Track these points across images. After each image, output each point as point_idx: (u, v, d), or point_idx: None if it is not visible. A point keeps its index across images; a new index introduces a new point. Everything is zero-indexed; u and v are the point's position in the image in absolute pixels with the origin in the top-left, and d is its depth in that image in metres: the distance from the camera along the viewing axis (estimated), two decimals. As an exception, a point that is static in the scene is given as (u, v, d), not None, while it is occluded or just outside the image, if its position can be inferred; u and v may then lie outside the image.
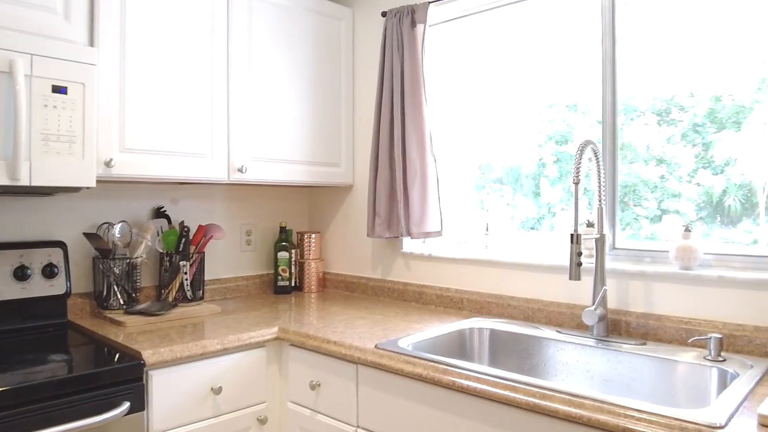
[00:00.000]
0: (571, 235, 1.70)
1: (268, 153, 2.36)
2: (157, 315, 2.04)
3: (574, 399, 1.30)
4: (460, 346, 2.00)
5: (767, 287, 1.64)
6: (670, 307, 1.81)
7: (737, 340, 1.67)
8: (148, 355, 1.65)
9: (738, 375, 1.46)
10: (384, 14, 2.52)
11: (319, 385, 1.87)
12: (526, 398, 1.36)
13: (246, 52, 2.27)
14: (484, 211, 2.47)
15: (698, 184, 2.01)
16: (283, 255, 2.68)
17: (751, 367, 1.51)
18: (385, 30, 2.46)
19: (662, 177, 2.07)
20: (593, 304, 1.84)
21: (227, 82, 2.21)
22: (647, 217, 2.13)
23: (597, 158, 1.83)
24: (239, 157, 2.25)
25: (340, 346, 1.79)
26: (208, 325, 2.00)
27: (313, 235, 2.77)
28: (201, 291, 2.32)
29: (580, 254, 1.68)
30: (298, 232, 2.80)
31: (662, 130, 2.05)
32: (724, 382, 1.52)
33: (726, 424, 1.15)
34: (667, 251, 1.89)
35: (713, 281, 1.73)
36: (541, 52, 2.30)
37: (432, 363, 1.57)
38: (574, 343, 1.84)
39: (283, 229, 2.71)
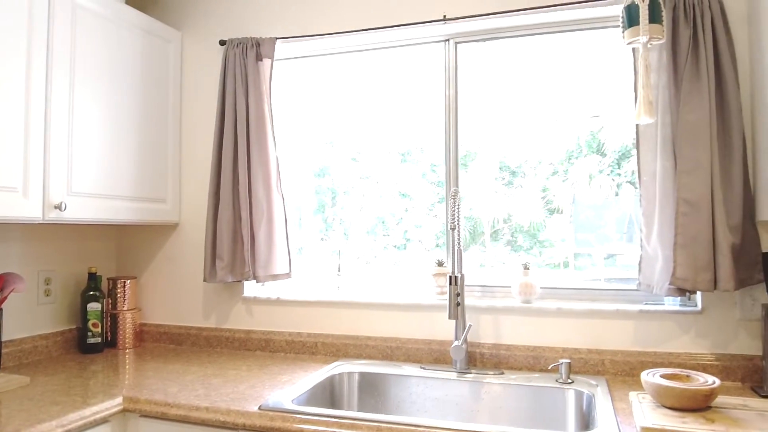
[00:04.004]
0: (450, 277, 1.80)
1: (89, 187, 1.99)
2: (-52, 399, 1.55)
3: (494, 437, 1.36)
4: (331, 393, 1.94)
5: (595, 315, 1.95)
6: (517, 337, 2.03)
7: (575, 363, 1.94)
8: (-30, 458, 1.24)
9: (593, 395, 1.70)
10: (223, 43, 2.36)
11: (186, 459, 1.62)
12: (445, 442, 1.38)
13: (68, 68, 1.90)
14: (335, 251, 2.46)
15: (436, 216, 2.34)
16: (94, 306, 2.26)
17: (596, 386, 1.78)
18: (226, 60, 2.31)
19: (407, 210, 2.35)
20: (456, 339, 1.96)
21: (45, 102, 1.82)
22: (395, 246, 2.43)
23: (456, 204, 1.98)
24: (58, 193, 1.86)
25: (215, 413, 1.58)
26: (25, 404, 1.58)
27: (128, 282, 2.40)
28: (-4, 359, 1.83)
29: (458, 295, 1.79)
30: (108, 279, 2.40)
31: (406, 167, 2.36)
32: (581, 402, 1.75)
33: (621, 441, 1.34)
34: (508, 286, 2.13)
35: (552, 312, 2.00)
36: (382, 97, 2.42)
37: (334, 419, 1.49)
38: (441, 378, 1.93)
39: (92, 276, 2.29)
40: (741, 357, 1.79)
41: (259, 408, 1.57)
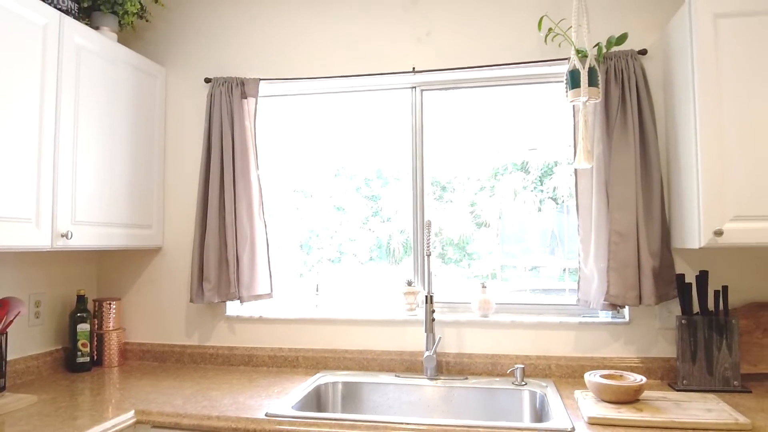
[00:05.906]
0: (426, 296, 2.09)
1: (90, 216, 2.14)
2: (-26, 417, 1.66)
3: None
4: (318, 400, 2.17)
5: (542, 327, 2.29)
6: (478, 347, 2.34)
7: (527, 368, 2.27)
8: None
9: (545, 394, 2.03)
10: (208, 80, 2.56)
11: (198, 464, 1.80)
12: (432, 437, 1.66)
13: (73, 104, 2.05)
14: (313, 273, 2.69)
15: (370, 230, 2.60)
16: (83, 327, 2.38)
17: (546, 386, 2.11)
18: (212, 97, 2.50)
19: (341, 223, 2.61)
20: (428, 349, 2.24)
21: (54, 137, 1.97)
22: (330, 259, 2.68)
23: (429, 231, 2.27)
24: (65, 222, 2.00)
25: (226, 421, 1.78)
26: (44, 419, 1.72)
27: (113, 303, 2.53)
28: (3, 380, 1.94)
29: (433, 311, 2.08)
30: (94, 300, 2.52)
31: (339, 181, 2.59)
32: (534, 400, 2.08)
33: (573, 428, 1.66)
34: (468, 303, 2.44)
35: (507, 325, 2.32)
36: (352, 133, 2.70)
37: (335, 421, 1.73)
38: (415, 385, 2.21)
39: (81, 298, 2.41)
40: (660, 359, 2.18)
41: (266, 415, 1.79)
